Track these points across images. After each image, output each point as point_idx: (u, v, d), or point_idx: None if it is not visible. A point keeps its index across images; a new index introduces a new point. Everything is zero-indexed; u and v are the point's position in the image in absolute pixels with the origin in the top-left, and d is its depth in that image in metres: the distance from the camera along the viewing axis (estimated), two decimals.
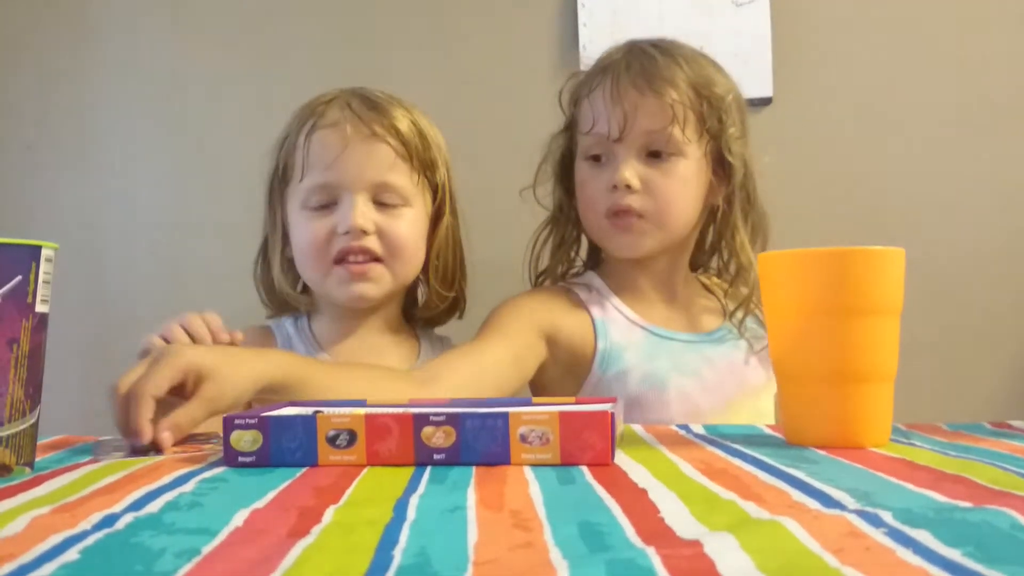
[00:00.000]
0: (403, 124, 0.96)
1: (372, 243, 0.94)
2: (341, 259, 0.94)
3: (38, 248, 0.56)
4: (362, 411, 0.59)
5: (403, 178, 0.96)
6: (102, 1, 1.44)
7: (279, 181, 0.99)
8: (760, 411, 1.00)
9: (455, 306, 1.06)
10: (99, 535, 0.38)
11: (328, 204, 0.94)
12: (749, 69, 1.33)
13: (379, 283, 0.95)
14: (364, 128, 0.94)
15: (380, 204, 0.95)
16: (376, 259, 0.94)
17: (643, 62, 0.97)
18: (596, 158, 1.00)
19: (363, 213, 0.93)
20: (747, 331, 1.01)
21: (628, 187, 0.96)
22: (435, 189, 1.00)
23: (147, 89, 1.44)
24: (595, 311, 1.01)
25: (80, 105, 1.44)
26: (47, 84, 1.44)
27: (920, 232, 1.33)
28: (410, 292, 1.07)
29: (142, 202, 1.44)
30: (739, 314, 1.01)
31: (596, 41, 1.37)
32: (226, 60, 1.43)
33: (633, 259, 1.02)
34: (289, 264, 1.00)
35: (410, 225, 0.97)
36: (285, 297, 1.01)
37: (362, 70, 1.40)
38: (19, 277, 0.54)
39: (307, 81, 1.41)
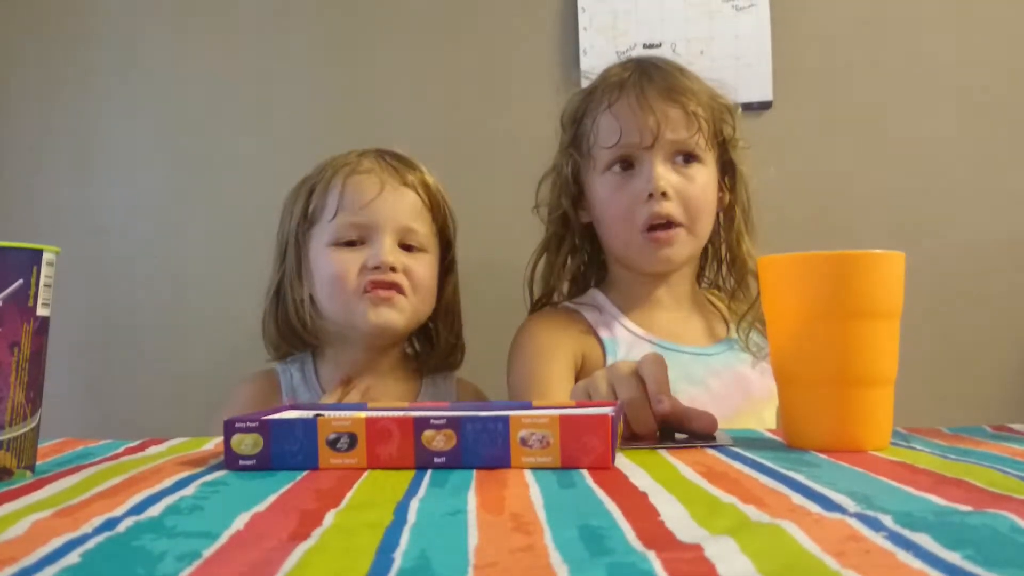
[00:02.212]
0: (429, 180, 1.06)
1: (399, 278, 0.99)
2: (368, 290, 0.98)
3: (39, 252, 0.56)
4: (363, 414, 0.59)
5: (425, 227, 1.03)
6: (104, 4, 1.45)
7: (305, 223, 1.03)
8: (764, 422, 1.00)
9: (458, 354, 1.11)
10: (100, 538, 0.38)
11: (357, 242, 1.00)
12: (749, 73, 1.33)
13: (403, 312, 1.00)
14: (398, 177, 1.03)
15: (404, 247, 1.01)
16: (400, 291, 0.99)
17: (663, 75, 1.01)
18: (619, 171, 1.01)
19: (392, 250, 1.00)
20: (752, 344, 1.01)
21: (664, 194, 0.98)
22: (445, 246, 1.08)
23: (148, 92, 1.44)
24: (603, 333, 1.02)
25: (82, 108, 1.45)
26: (49, 87, 1.44)
27: (920, 236, 1.33)
28: (411, 341, 1.12)
29: (144, 205, 1.44)
30: (745, 326, 1.02)
31: (596, 46, 1.37)
32: (227, 63, 1.43)
33: (649, 273, 1.04)
34: (309, 302, 1.03)
35: (428, 269, 1.03)
36: (302, 333, 1.04)
37: (362, 72, 1.41)
38: (20, 281, 0.54)
39: (308, 85, 1.42)
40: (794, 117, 1.36)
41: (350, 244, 1.00)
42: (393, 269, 0.98)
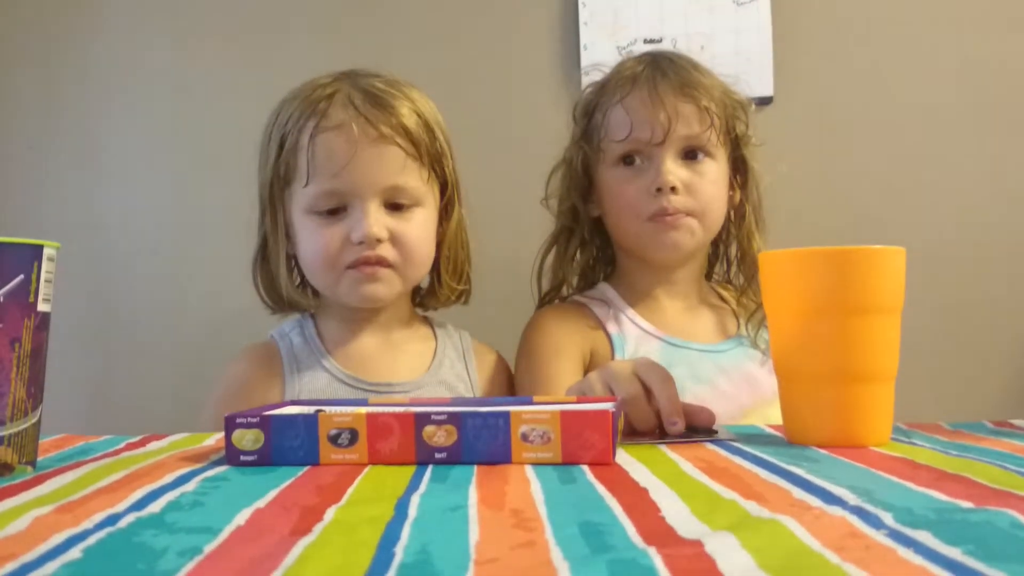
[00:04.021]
0: (410, 120, 0.93)
1: (386, 250, 0.91)
2: (353, 266, 0.92)
3: (40, 247, 0.56)
4: (364, 410, 0.59)
5: (413, 179, 0.93)
6: (105, 3, 1.44)
7: (280, 182, 0.95)
8: (769, 421, 1.00)
9: (463, 293, 1.05)
10: (101, 534, 0.38)
11: (336, 209, 0.92)
12: (750, 68, 1.32)
13: (390, 285, 0.94)
14: (372, 130, 0.90)
15: (391, 206, 0.93)
16: (388, 264, 0.93)
17: (676, 69, 1.00)
18: (629, 164, 1.01)
19: (376, 220, 0.90)
20: (762, 341, 1.01)
21: (673, 189, 0.97)
22: (443, 182, 0.98)
23: (149, 89, 1.44)
24: (611, 327, 1.02)
25: (83, 104, 1.44)
26: (50, 83, 1.44)
27: (921, 231, 1.33)
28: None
29: (144, 201, 1.44)
30: (755, 324, 1.02)
31: (597, 41, 1.37)
32: (228, 60, 1.43)
33: (658, 264, 1.03)
34: (293, 264, 0.98)
35: (421, 227, 0.95)
36: (289, 298, 0.99)
37: (361, 65, 1.40)
38: (21, 276, 0.54)
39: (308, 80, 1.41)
40: (795, 113, 1.35)
41: (330, 214, 0.92)
42: (379, 240, 0.90)
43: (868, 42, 1.37)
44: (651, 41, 1.36)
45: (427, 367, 1.00)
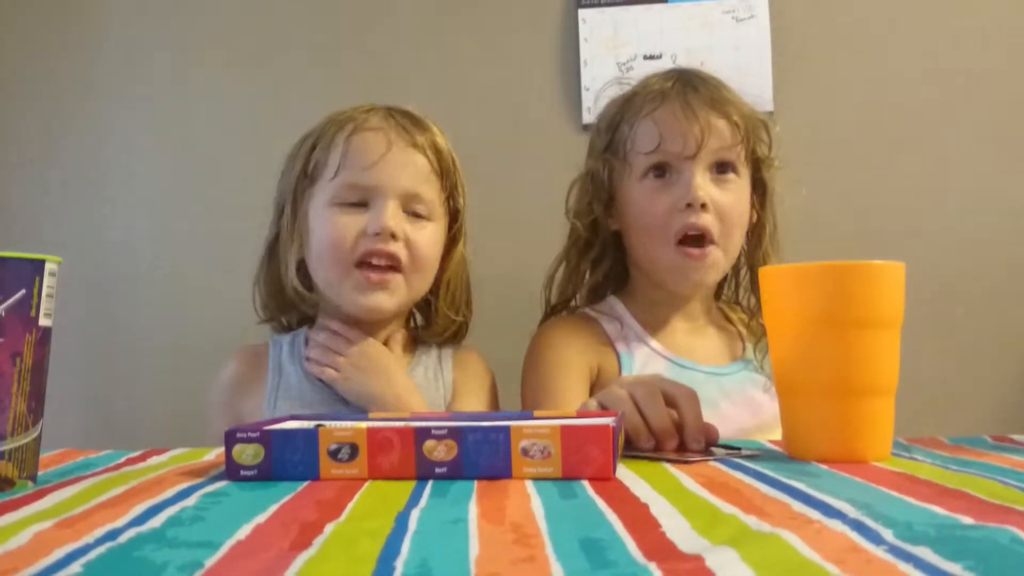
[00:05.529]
0: (441, 141, 0.99)
1: (398, 249, 0.94)
2: (363, 262, 0.93)
3: (41, 262, 0.56)
4: (364, 424, 0.59)
5: (433, 192, 0.97)
6: (106, 15, 1.45)
7: (305, 180, 0.97)
8: None
9: (459, 330, 1.06)
10: (102, 549, 0.38)
11: (358, 204, 0.94)
12: (749, 83, 1.33)
13: (395, 294, 0.95)
14: (407, 136, 0.96)
15: (408, 214, 0.96)
16: (396, 268, 0.94)
17: (707, 86, 1.00)
18: (657, 177, 0.99)
19: (394, 216, 0.94)
20: (768, 365, 1.01)
21: (703, 206, 0.96)
22: (454, 214, 1.02)
23: (150, 103, 1.45)
24: (620, 346, 1.01)
25: (83, 119, 1.45)
26: (52, 98, 1.45)
27: (921, 246, 1.33)
28: (412, 313, 1.07)
29: (145, 216, 1.45)
30: (762, 348, 1.02)
31: (597, 57, 1.38)
32: (229, 74, 1.44)
33: (674, 291, 1.03)
34: (301, 265, 0.99)
35: (432, 239, 0.98)
36: (291, 298, 0.99)
37: (363, 82, 1.41)
38: (23, 291, 0.55)
39: (310, 96, 1.42)
40: (794, 127, 1.36)
41: (351, 206, 0.94)
42: (394, 237, 0.93)
43: (868, 57, 1.38)
44: (651, 57, 1.37)
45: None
